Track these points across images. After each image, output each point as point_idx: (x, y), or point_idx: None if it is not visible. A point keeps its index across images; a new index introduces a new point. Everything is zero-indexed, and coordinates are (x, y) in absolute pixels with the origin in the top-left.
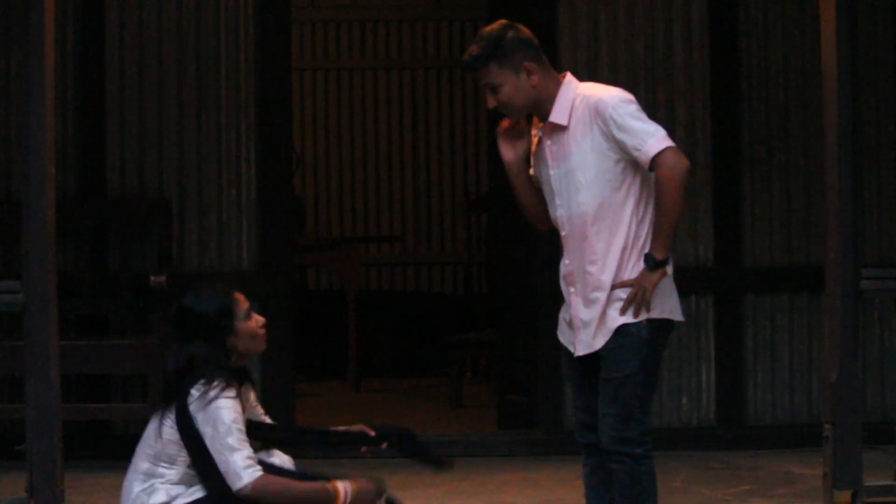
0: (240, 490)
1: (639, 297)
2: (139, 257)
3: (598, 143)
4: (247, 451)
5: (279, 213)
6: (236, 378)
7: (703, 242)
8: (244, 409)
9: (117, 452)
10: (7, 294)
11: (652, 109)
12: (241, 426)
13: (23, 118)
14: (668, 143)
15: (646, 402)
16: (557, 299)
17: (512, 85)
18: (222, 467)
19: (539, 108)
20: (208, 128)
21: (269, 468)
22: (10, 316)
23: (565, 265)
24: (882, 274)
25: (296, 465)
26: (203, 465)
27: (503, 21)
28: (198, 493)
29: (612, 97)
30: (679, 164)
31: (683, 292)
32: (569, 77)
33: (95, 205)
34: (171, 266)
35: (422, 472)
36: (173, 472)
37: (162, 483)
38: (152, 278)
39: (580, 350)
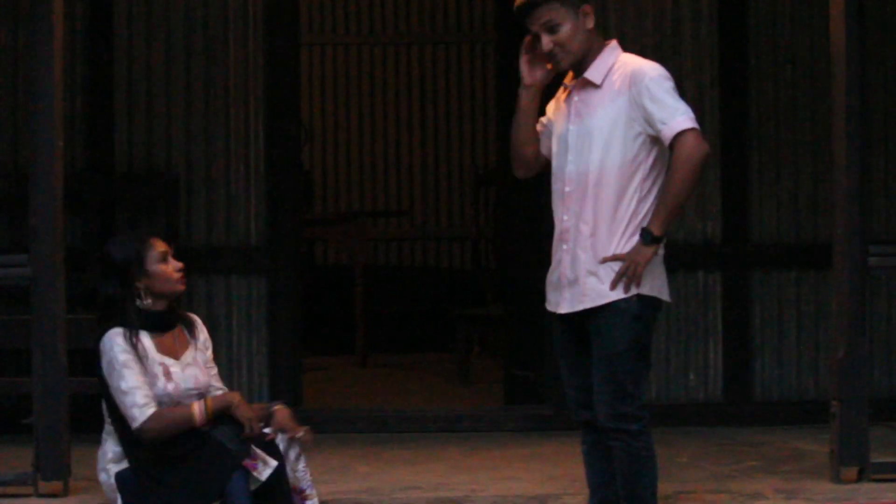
0: (137, 430)
1: (630, 270)
2: (147, 231)
3: (624, 111)
4: (139, 392)
5: (287, 187)
6: (147, 321)
7: (711, 219)
8: (167, 352)
9: None
10: (14, 268)
11: None
12: (134, 367)
13: (31, 92)
14: (694, 124)
15: (639, 377)
16: None
17: (572, 25)
18: (121, 410)
19: (585, 60)
20: (216, 102)
21: None
22: (17, 289)
23: (563, 221)
24: (889, 251)
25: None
26: (111, 410)
27: None
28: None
29: (652, 68)
30: (699, 146)
31: (691, 268)
32: (614, 43)
33: (103, 179)
34: (178, 240)
35: (429, 448)
36: (111, 427)
37: (108, 436)
38: None
39: (564, 308)
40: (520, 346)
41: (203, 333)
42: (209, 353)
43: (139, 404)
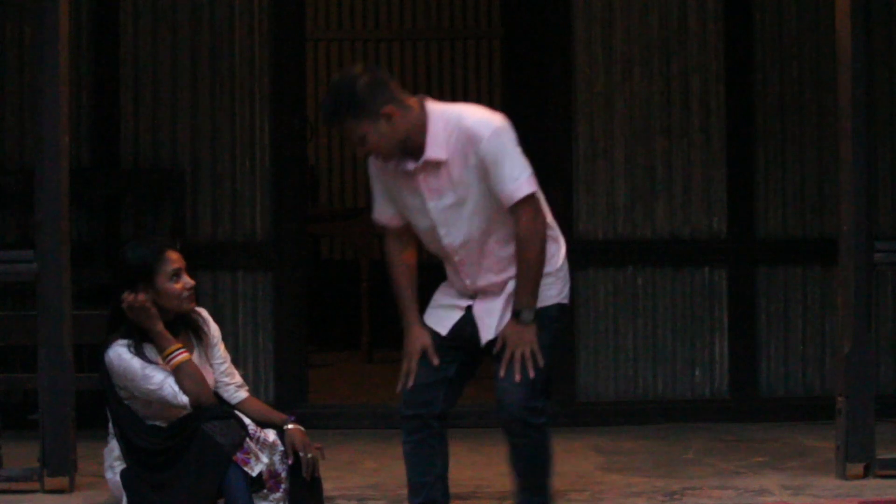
0: (194, 406)
1: (526, 354)
2: (153, 227)
3: (475, 173)
4: (169, 381)
5: (293, 182)
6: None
7: (717, 214)
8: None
9: None
10: (20, 263)
11: (666, 81)
12: (150, 365)
13: (36, 88)
14: (530, 189)
15: (548, 376)
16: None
17: (375, 134)
18: (170, 404)
19: (410, 146)
20: (222, 98)
21: None
22: (23, 285)
23: (465, 284)
24: (895, 247)
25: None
26: (114, 413)
27: (354, 68)
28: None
29: (485, 127)
30: (537, 219)
31: (697, 264)
32: (431, 105)
33: (109, 175)
34: (184, 236)
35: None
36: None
37: (112, 438)
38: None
39: (487, 335)
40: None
41: (212, 328)
42: (220, 346)
43: (178, 390)
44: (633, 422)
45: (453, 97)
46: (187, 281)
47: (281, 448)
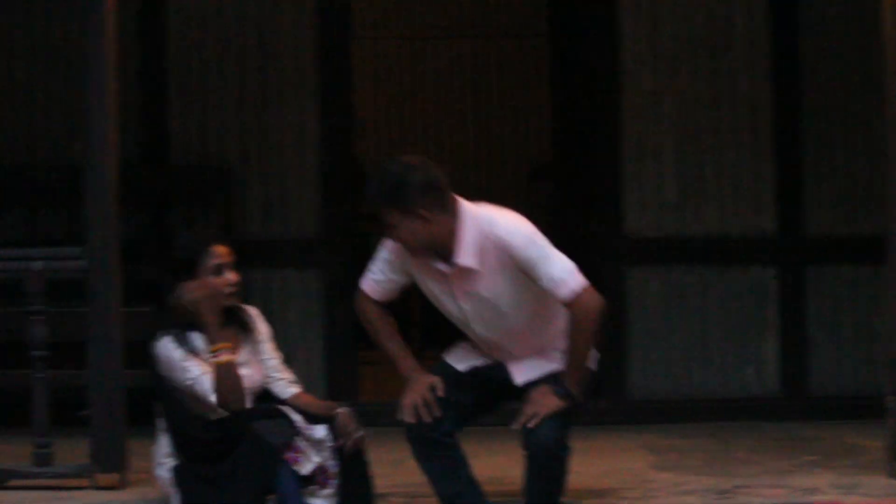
0: (220, 406)
1: (536, 411)
2: (202, 224)
3: (513, 276)
4: (207, 378)
5: (342, 180)
6: (195, 323)
7: (766, 213)
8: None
9: None
10: (70, 260)
11: (713, 80)
12: (193, 360)
13: (85, 85)
14: (582, 279)
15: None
16: (618, 270)
17: (407, 229)
18: (200, 400)
19: (438, 248)
20: (270, 95)
21: None
22: (72, 282)
23: (492, 355)
24: None
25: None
26: (164, 406)
27: (413, 159)
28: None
29: (515, 236)
30: (595, 302)
31: (746, 263)
32: (465, 209)
33: (158, 171)
34: (233, 234)
35: (486, 442)
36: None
37: (162, 434)
38: None
39: (521, 379)
40: None
41: (262, 326)
42: (269, 344)
43: (209, 388)
44: (684, 420)
45: (499, 96)
46: (229, 277)
47: (330, 444)
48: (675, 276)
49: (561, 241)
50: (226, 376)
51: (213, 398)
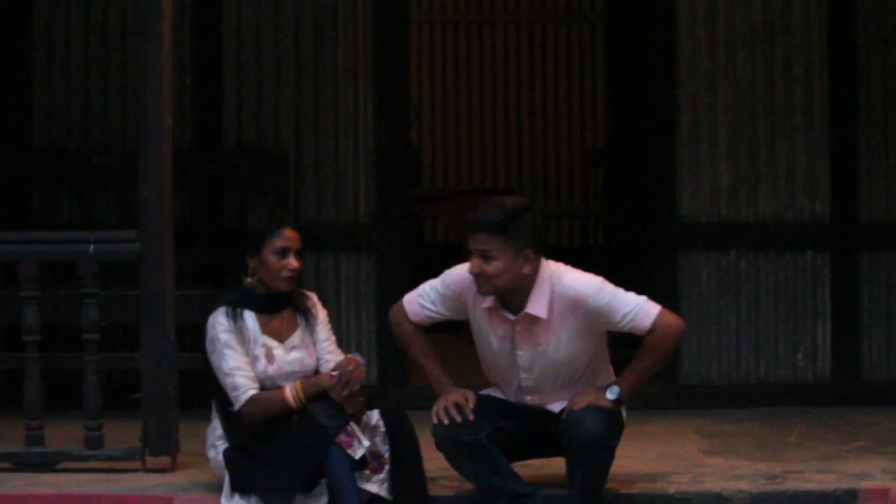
0: (237, 412)
1: (587, 401)
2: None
3: (575, 332)
4: (240, 374)
5: (396, 165)
6: (253, 300)
7: (820, 198)
8: (272, 333)
9: None
10: (124, 243)
11: (769, 66)
12: (237, 348)
13: (140, 70)
14: (657, 305)
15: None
16: (672, 255)
17: (505, 263)
18: (224, 390)
19: (513, 293)
20: (325, 80)
21: None
22: (126, 265)
23: (525, 401)
24: None
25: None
26: (214, 387)
27: (524, 200)
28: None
29: (587, 287)
30: (677, 324)
31: (800, 248)
32: (545, 267)
33: (212, 156)
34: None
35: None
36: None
37: (215, 416)
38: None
39: (557, 408)
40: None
41: (319, 311)
42: (325, 327)
43: (239, 387)
44: (736, 405)
45: (556, 79)
46: (291, 262)
47: (383, 429)
48: (728, 261)
49: (615, 226)
50: (271, 409)
51: (239, 398)
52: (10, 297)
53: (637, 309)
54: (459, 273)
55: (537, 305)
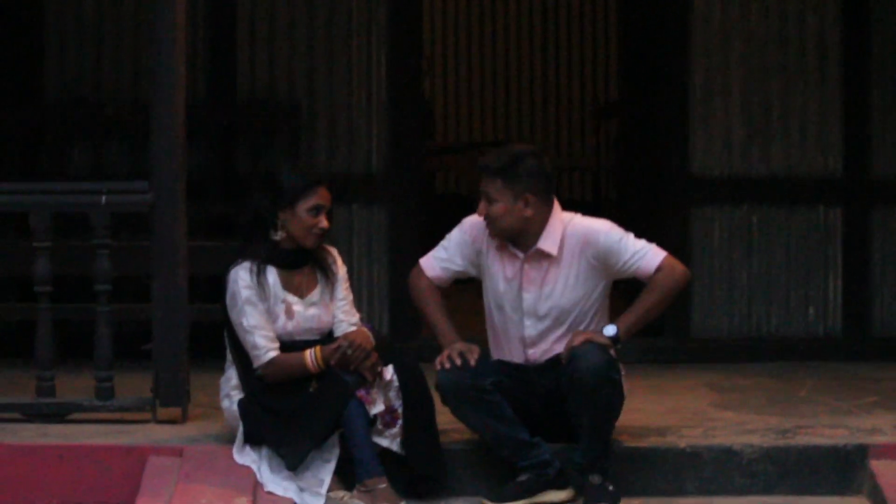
0: (256, 370)
1: (585, 337)
2: (268, 159)
3: (582, 275)
4: (260, 333)
5: (409, 116)
6: (276, 256)
7: (833, 154)
8: (293, 289)
9: None
10: (136, 194)
11: (783, 20)
12: (257, 305)
13: (153, 21)
14: (661, 253)
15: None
16: (684, 208)
17: (506, 206)
18: (244, 347)
19: (521, 235)
20: (339, 30)
21: None
22: (138, 216)
23: (526, 356)
24: None
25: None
26: (231, 340)
27: (531, 147)
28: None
29: (599, 225)
30: (681, 266)
31: (812, 203)
32: (557, 208)
33: (225, 107)
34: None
35: None
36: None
37: (231, 364)
38: None
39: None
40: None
41: (339, 268)
42: (344, 285)
43: (259, 346)
44: (747, 359)
45: (568, 32)
46: (322, 220)
47: (396, 385)
48: (740, 215)
49: (628, 180)
50: (291, 371)
51: (261, 358)
52: (23, 248)
53: (646, 250)
54: (475, 217)
55: (548, 242)
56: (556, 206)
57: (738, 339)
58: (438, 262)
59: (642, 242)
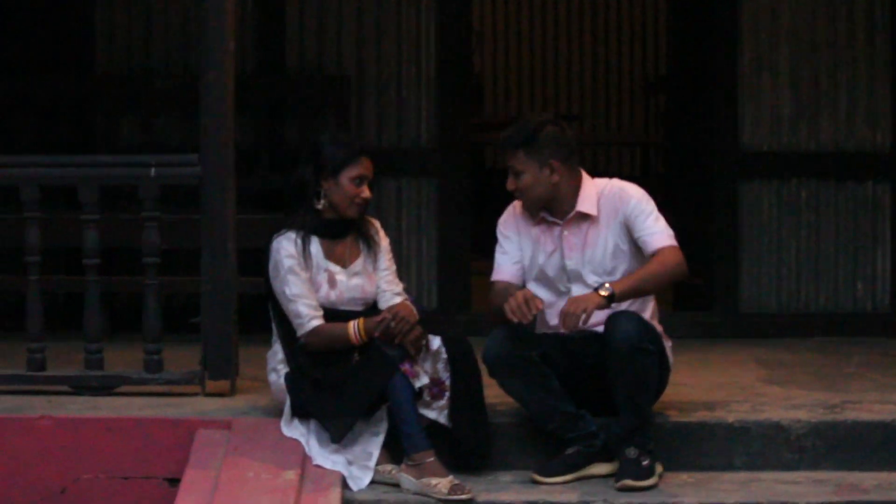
0: (299, 339)
1: (579, 311)
2: (317, 133)
3: (618, 232)
4: (303, 302)
5: (458, 90)
6: (319, 225)
7: (882, 129)
8: (336, 259)
9: None
10: (185, 167)
11: None
12: (300, 274)
13: None
14: (672, 240)
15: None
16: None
17: (533, 176)
18: (287, 316)
19: (555, 202)
20: (388, 3)
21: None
22: (187, 189)
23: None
24: None
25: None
26: (276, 312)
27: (549, 115)
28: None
29: (634, 189)
30: (681, 257)
31: (861, 178)
32: (585, 174)
33: (274, 80)
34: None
35: None
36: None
37: (276, 340)
38: None
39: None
40: (688, 252)
41: (382, 239)
42: (386, 256)
43: (303, 315)
44: (795, 334)
45: (618, 7)
46: (365, 190)
47: (444, 356)
48: (788, 190)
49: (676, 155)
50: (333, 342)
51: (305, 325)
52: (72, 220)
53: (662, 232)
54: (505, 211)
55: (587, 204)
56: (585, 174)
57: (787, 314)
58: (505, 265)
59: (662, 224)
